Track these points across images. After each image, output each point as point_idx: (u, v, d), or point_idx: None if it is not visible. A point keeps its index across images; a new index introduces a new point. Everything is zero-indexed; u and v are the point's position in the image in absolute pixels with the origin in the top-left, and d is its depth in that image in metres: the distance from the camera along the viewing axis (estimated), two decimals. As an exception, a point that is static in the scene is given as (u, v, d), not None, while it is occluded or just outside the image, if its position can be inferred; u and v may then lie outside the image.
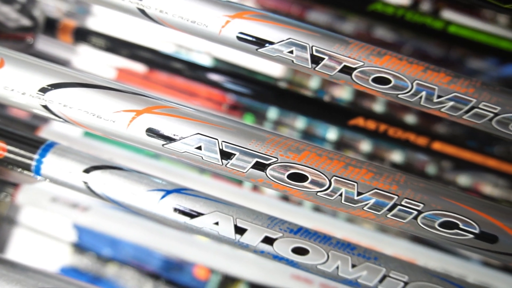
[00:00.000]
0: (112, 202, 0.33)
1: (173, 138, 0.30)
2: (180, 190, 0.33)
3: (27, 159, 0.33)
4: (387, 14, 0.55)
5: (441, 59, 1.07)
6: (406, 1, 0.91)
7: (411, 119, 1.15)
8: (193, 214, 0.32)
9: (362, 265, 0.32)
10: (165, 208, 0.33)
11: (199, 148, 0.30)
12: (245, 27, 0.32)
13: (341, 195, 0.29)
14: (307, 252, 0.32)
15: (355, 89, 0.32)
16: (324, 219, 0.58)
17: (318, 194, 0.30)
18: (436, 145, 0.54)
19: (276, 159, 0.30)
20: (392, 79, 0.31)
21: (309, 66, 0.32)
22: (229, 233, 0.32)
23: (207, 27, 0.32)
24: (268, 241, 0.32)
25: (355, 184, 0.29)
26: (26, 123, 0.63)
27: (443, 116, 0.31)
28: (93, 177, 0.33)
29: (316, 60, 0.31)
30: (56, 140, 0.35)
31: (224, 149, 0.30)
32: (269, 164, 0.30)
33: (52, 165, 0.33)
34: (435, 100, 0.31)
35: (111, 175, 0.33)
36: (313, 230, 0.33)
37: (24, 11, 0.45)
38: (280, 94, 0.62)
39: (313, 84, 1.26)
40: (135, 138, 0.31)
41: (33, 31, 0.48)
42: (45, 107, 0.31)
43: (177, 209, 0.32)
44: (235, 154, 0.30)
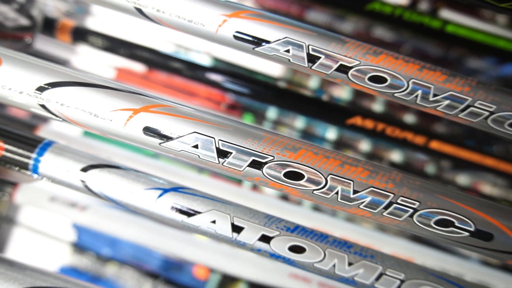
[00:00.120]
0: (110, 200, 0.34)
1: (170, 136, 0.30)
2: (177, 188, 0.33)
3: (24, 158, 0.33)
4: (385, 14, 0.55)
5: (440, 58, 1.07)
6: (405, 1, 0.91)
7: (410, 118, 1.15)
8: (190, 213, 0.33)
9: (358, 263, 0.32)
10: (163, 207, 0.33)
11: (196, 146, 0.30)
12: (241, 26, 0.32)
13: (337, 193, 0.30)
14: (304, 250, 0.32)
15: (354, 88, 0.32)
16: (323, 218, 0.58)
17: (315, 192, 0.30)
18: (434, 144, 0.55)
19: (272, 158, 0.30)
20: (388, 78, 0.31)
21: (306, 65, 0.32)
22: (226, 231, 0.32)
23: (204, 26, 0.32)
24: (265, 239, 0.32)
25: (351, 182, 0.29)
26: (25, 122, 0.63)
27: (439, 115, 0.32)
28: (91, 176, 0.33)
29: (313, 59, 0.31)
30: (56, 139, 0.35)
31: (221, 147, 0.30)
32: (266, 163, 0.30)
33: (50, 164, 0.33)
34: (431, 99, 0.31)
35: (108, 173, 0.33)
36: (310, 228, 0.33)
37: (22, 11, 0.45)
38: (279, 94, 0.62)
39: (312, 83, 1.26)
40: (132, 137, 0.31)
41: (31, 31, 0.48)
42: (42, 106, 0.31)
43: (174, 208, 0.33)
44: (231, 153, 0.30)
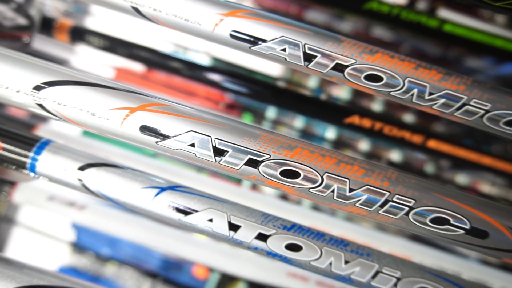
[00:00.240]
0: (107, 199, 0.34)
1: (166, 135, 0.30)
2: (175, 187, 0.33)
3: (22, 156, 0.33)
4: (382, 13, 0.55)
5: (439, 58, 1.07)
6: (403, 1, 0.91)
7: (408, 118, 1.15)
8: (187, 211, 0.33)
9: (355, 261, 0.32)
10: (160, 205, 0.33)
11: (193, 145, 0.30)
12: (238, 25, 0.32)
13: (333, 191, 0.30)
14: (300, 248, 0.32)
15: (353, 88, 0.32)
16: (322, 217, 0.58)
17: (311, 190, 0.30)
18: (431, 143, 0.55)
19: (268, 156, 0.30)
20: (384, 77, 0.31)
21: (302, 64, 0.32)
22: (223, 229, 0.32)
23: (200, 25, 0.32)
24: (262, 237, 0.32)
25: (347, 180, 0.30)
26: (23, 122, 0.63)
27: (435, 113, 0.32)
28: (88, 175, 0.33)
29: (309, 58, 0.32)
30: (55, 139, 0.35)
31: (217, 146, 0.30)
32: (262, 161, 0.30)
33: (47, 162, 0.33)
34: (427, 97, 0.31)
35: (106, 172, 0.33)
36: (307, 226, 0.33)
37: (20, 10, 0.45)
38: (278, 93, 0.62)
39: (311, 83, 1.26)
40: (129, 136, 0.31)
41: (29, 30, 0.48)
42: (39, 105, 0.31)
43: (172, 206, 0.33)
44: (228, 151, 0.30)
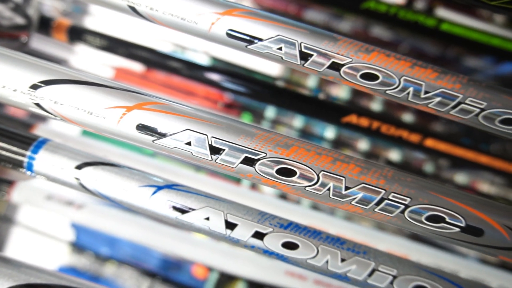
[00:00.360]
0: (104, 198, 0.34)
1: (163, 134, 0.30)
2: (171, 186, 0.34)
3: (19, 155, 0.33)
4: (380, 12, 0.55)
5: (438, 57, 1.07)
6: (401, 0, 0.91)
7: (407, 117, 1.15)
8: (184, 210, 0.33)
9: (351, 259, 0.32)
10: (157, 204, 0.33)
11: (189, 143, 0.30)
12: (234, 24, 0.32)
13: (329, 189, 0.30)
14: (297, 246, 0.32)
15: (352, 88, 0.32)
16: (321, 217, 0.58)
17: (307, 188, 0.30)
18: (429, 142, 0.55)
19: (265, 154, 0.30)
20: (380, 75, 0.31)
21: (298, 62, 0.32)
22: (219, 228, 0.33)
23: (197, 24, 0.32)
24: (259, 236, 0.32)
25: (343, 178, 0.30)
26: (22, 121, 0.63)
27: (431, 112, 0.32)
28: (85, 174, 0.33)
29: (305, 56, 0.32)
30: (54, 139, 0.35)
31: (214, 144, 0.30)
32: (258, 159, 0.30)
33: (45, 161, 0.33)
34: (423, 96, 0.31)
35: (103, 171, 0.33)
36: (303, 225, 0.33)
37: (18, 10, 0.45)
38: (277, 93, 0.62)
39: (310, 83, 1.27)
40: (126, 134, 0.31)
41: (27, 30, 0.48)
42: (36, 104, 0.31)
43: (169, 205, 0.33)
44: (224, 150, 0.30)
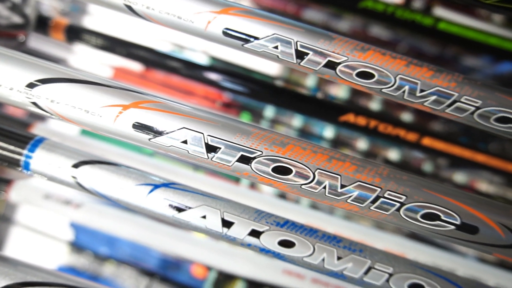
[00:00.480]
0: (101, 196, 0.34)
1: (159, 132, 0.30)
2: (168, 184, 0.34)
3: (16, 154, 0.33)
4: (378, 11, 0.55)
5: (437, 57, 1.07)
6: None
7: (406, 116, 1.15)
8: (181, 208, 0.33)
9: (347, 257, 0.32)
10: (153, 202, 0.33)
11: (185, 142, 0.30)
12: (230, 23, 0.32)
13: (325, 187, 0.30)
14: (293, 244, 0.32)
15: (351, 87, 0.32)
16: (320, 216, 0.58)
17: (303, 187, 0.30)
18: (426, 141, 0.55)
19: (261, 153, 0.30)
20: (376, 74, 0.31)
21: (294, 61, 0.32)
22: (216, 226, 0.33)
23: (193, 23, 0.32)
24: (255, 234, 0.32)
25: (339, 176, 0.30)
26: (19, 121, 0.63)
27: (426, 110, 0.32)
28: (82, 172, 0.33)
29: (301, 55, 0.32)
30: (53, 138, 0.35)
31: (210, 143, 0.30)
32: (254, 158, 0.30)
33: (41, 160, 0.33)
34: (418, 94, 0.31)
35: (99, 169, 0.34)
36: (299, 223, 0.33)
37: (15, 9, 0.45)
38: (276, 92, 0.62)
39: (309, 82, 1.27)
40: (122, 133, 0.31)
41: (25, 29, 0.48)
42: (33, 102, 0.31)
43: (165, 203, 0.33)
44: (220, 148, 0.30)
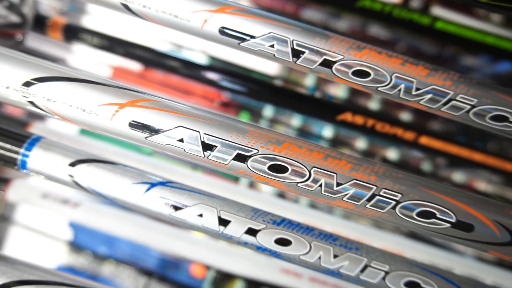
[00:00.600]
0: (98, 195, 0.34)
1: (155, 131, 0.30)
2: (165, 183, 0.34)
3: (13, 153, 0.33)
4: (375, 10, 0.56)
5: (435, 56, 1.07)
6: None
7: (404, 116, 1.15)
8: (177, 206, 0.33)
9: (343, 255, 0.32)
10: (150, 201, 0.33)
11: (181, 140, 0.30)
12: (227, 21, 0.32)
13: (321, 185, 0.30)
14: (290, 243, 0.32)
15: (350, 87, 0.32)
16: (319, 215, 0.58)
17: (299, 185, 0.30)
18: (424, 140, 0.55)
19: (257, 151, 0.30)
20: (372, 72, 0.31)
21: (290, 59, 0.32)
22: (213, 224, 0.33)
23: (189, 21, 0.32)
24: (252, 232, 0.32)
25: (335, 175, 0.30)
26: (17, 120, 0.63)
27: (422, 109, 0.32)
28: (79, 171, 0.33)
29: (297, 53, 0.32)
30: (51, 138, 0.35)
31: (206, 141, 0.30)
32: (250, 156, 0.30)
33: (38, 159, 0.33)
34: (414, 93, 0.31)
35: (96, 168, 0.34)
36: (296, 221, 0.33)
37: (12, 8, 0.45)
38: (274, 92, 0.62)
39: (308, 82, 1.27)
40: (119, 131, 0.31)
41: (22, 28, 0.48)
42: (29, 101, 0.31)
43: (162, 202, 0.33)
44: (216, 146, 0.30)
